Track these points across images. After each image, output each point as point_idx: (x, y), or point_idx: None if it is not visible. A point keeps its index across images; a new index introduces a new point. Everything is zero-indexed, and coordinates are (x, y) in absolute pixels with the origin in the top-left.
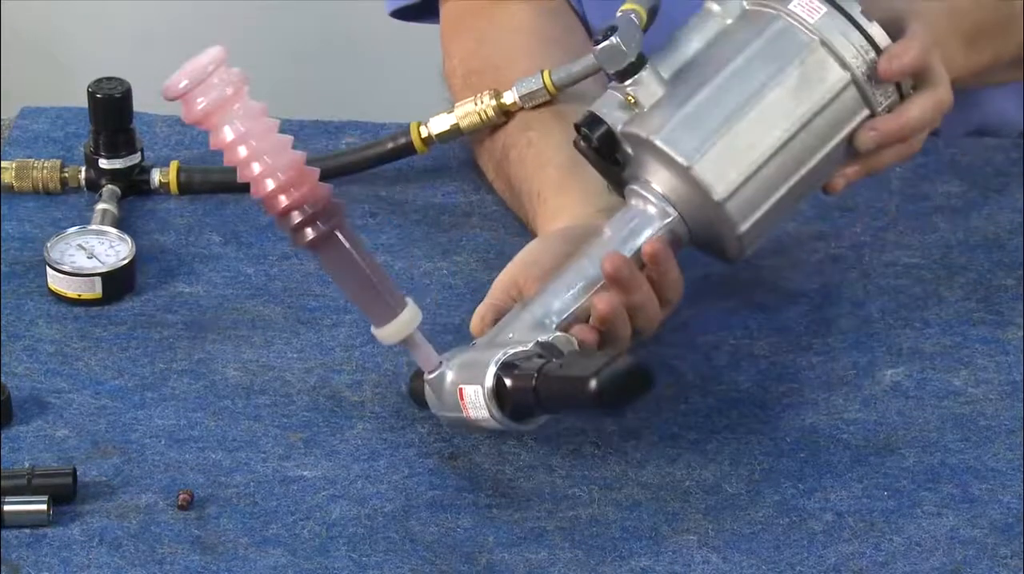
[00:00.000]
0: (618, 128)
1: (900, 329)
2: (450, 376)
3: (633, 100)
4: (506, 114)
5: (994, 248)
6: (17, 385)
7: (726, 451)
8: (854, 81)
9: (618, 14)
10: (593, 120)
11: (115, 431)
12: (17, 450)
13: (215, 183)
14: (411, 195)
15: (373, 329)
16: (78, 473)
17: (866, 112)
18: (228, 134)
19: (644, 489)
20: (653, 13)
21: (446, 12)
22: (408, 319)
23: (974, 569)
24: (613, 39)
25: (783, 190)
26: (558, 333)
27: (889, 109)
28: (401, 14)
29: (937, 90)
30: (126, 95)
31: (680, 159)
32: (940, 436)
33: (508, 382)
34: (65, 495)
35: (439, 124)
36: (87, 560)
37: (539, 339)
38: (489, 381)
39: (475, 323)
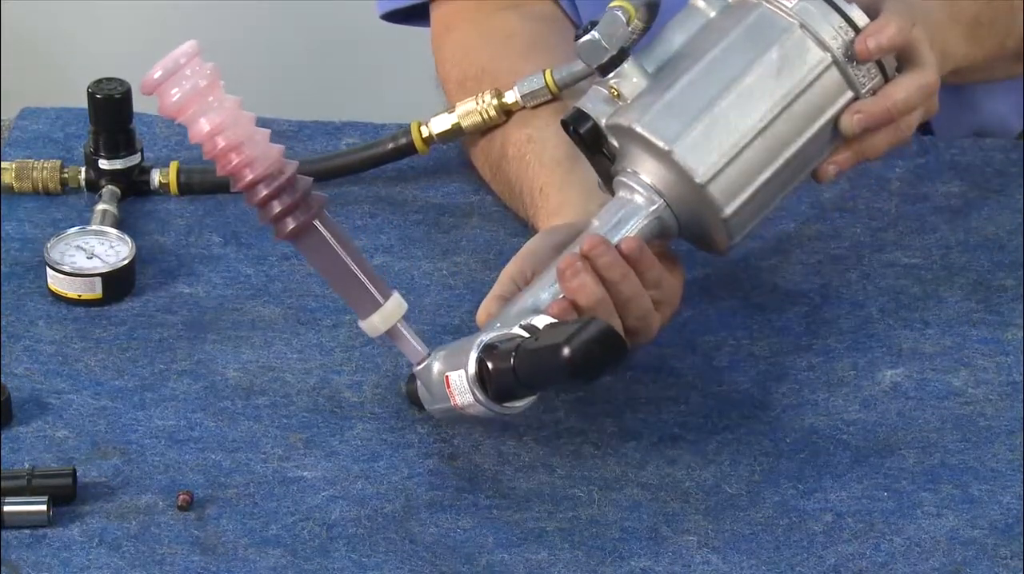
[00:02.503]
0: (602, 121)
1: (900, 329)
2: (436, 366)
3: (616, 93)
4: (507, 113)
5: (994, 248)
6: (17, 385)
7: (726, 452)
8: (835, 62)
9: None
10: (579, 115)
11: (115, 431)
12: (17, 450)
13: (215, 184)
14: (411, 195)
15: (359, 321)
16: (78, 473)
17: (850, 95)
18: (204, 126)
19: (644, 490)
20: (653, 10)
21: (437, 16)
22: (392, 310)
23: (974, 569)
24: (593, 33)
25: (768, 173)
26: (540, 315)
27: (874, 92)
28: (392, 17)
29: (923, 71)
30: (126, 95)
31: (660, 143)
32: (940, 437)
33: (489, 363)
34: (65, 496)
35: (440, 124)
36: (87, 561)
37: (521, 323)
38: (472, 365)
39: (481, 314)
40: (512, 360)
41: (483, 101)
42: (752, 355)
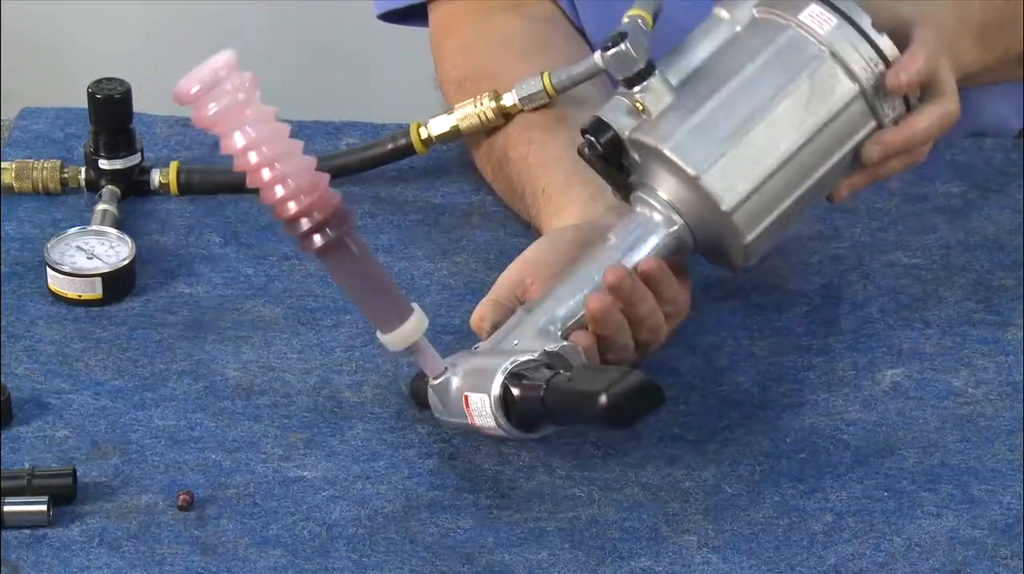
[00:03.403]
0: (625, 134)
1: (900, 329)
2: (455, 382)
3: (641, 107)
4: (505, 116)
5: (994, 248)
6: (17, 385)
7: (726, 452)
8: (863, 94)
9: (624, 19)
10: (600, 125)
11: (115, 431)
12: (17, 450)
13: (215, 184)
14: (411, 195)
15: (379, 335)
16: (78, 473)
17: (873, 124)
18: (239, 140)
19: (644, 490)
20: (655, 18)
21: (436, 17)
22: (414, 326)
23: (974, 569)
24: (623, 45)
25: (789, 200)
26: (564, 342)
27: (895, 120)
28: (388, 17)
29: (944, 101)
30: (126, 95)
31: (689, 169)
32: (940, 437)
33: (515, 392)
34: (65, 496)
35: (439, 125)
36: (87, 561)
37: (546, 349)
38: (496, 390)
39: (475, 319)
40: (542, 394)
41: (481, 103)
42: (752, 355)
